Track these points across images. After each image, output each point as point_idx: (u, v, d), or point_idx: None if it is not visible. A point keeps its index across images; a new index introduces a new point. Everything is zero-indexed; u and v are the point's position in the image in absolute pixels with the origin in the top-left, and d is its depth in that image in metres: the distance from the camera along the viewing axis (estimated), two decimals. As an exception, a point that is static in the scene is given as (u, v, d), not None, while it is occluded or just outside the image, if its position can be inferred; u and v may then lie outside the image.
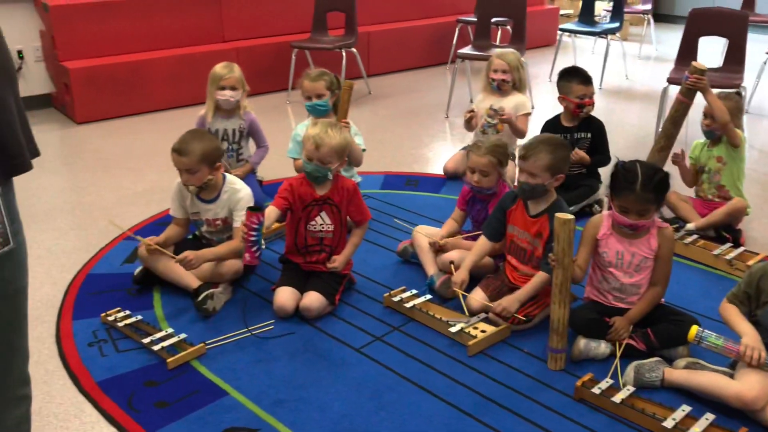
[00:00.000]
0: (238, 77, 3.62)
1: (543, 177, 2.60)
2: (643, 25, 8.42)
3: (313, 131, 2.70)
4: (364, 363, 2.44)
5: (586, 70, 3.69)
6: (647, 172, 2.38)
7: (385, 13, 7.04)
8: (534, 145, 2.64)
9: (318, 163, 2.70)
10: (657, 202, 2.39)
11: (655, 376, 2.27)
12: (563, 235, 2.25)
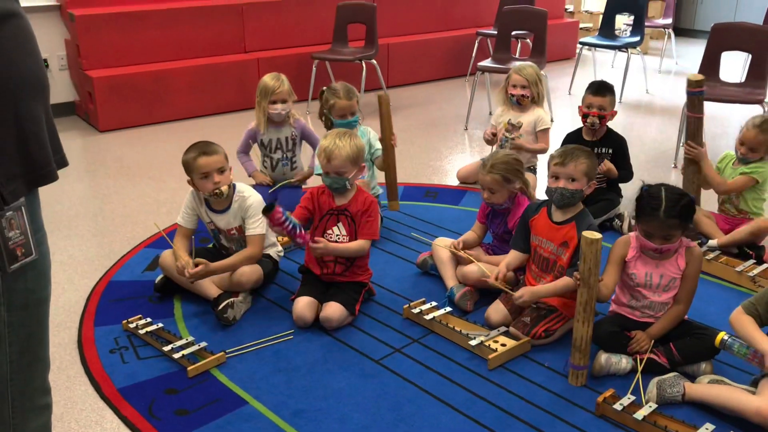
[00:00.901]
0: (288, 90, 3.65)
1: (582, 182, 2.60)
2: (663, 39, 8.39)
3: (324, 143, 2.72)
4: (383, 375, 2.44)
5: (606, 83, 3.68)
6: (672, 197, 2.37)
7: (405, 25, 7.08)
8: (570, 151, 2.65)
9: (334, 175, 2.71)
10: (682, 227, 2.38)
11: (676, 391, 2.25)
12: (590, 254, 2.23)
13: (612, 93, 3.66)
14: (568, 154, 2.63)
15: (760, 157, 3.30)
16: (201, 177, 2.77)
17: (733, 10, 8.88)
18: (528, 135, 4.03)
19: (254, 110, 3.71)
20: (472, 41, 7.03)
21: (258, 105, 3.68)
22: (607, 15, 6.67)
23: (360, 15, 6.06)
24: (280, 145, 3.74)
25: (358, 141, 2.76)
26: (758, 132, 3.23)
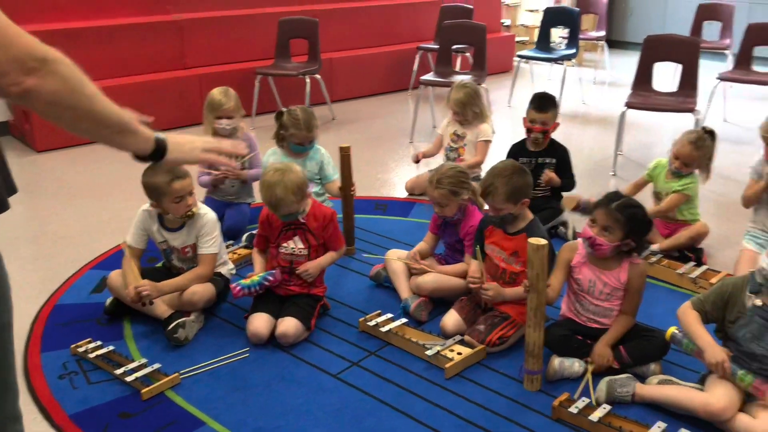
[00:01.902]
0: (234, 106, 3.64)
1: (507, 207, 2.68)
2: (597, 51, 8.67)
3: (265, 196, 2.71)
4: (342, 389, 2.43)
5: (548, 97, 3.77)
6: (630, 201, 2.50)
7: (347, 40, 7.12)
8: (489, 181, 2.71)
9: (284, 214, 2.74)
10: (624, 230, 2.44)
11: (626, 392, 2.32)
12: (537, 260, 2.28)
13: (554, 106, 3.76)
14: (487, 186, 2.70)
15: (691, 172, 3.44)
16: (175, 200, 2.73)
17: (662, 23, 9.24)
18: (471, 146, 4.13)
19: (196, 127, 3.69)
20: (414, 56, 7.12)
21: (205, 119, 3.67)
22: (543, 29, 6.86)
23: (302, 30, 6.07)
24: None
25: (295, 175, 2.70)
26: (693, 148, 3.37)
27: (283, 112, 3.60)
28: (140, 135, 1.40)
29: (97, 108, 1.25)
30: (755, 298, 2.18)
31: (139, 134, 1.40)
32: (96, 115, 1.25)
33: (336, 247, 2.89)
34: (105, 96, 1.28)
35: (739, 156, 5.11)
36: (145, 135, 1.42)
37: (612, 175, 4.75)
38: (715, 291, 2.30)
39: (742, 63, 5.79)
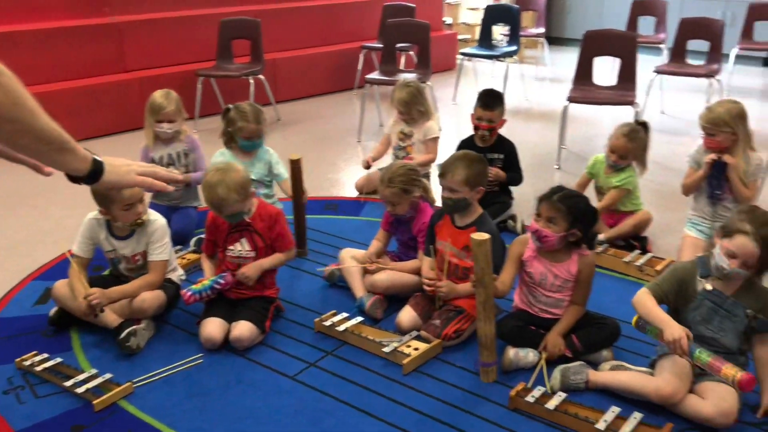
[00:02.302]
0: (175, 110, 3.57)
1: (463, 191, 2.69)
2: (537, 47, 8.82)
3: (207, 197, 2.67)
4: (300, 390, 2.41)
5: (494, 94, 3.81)
6: (572, 192, 2.55)
7: (290, 40, 7.07)
8: (450, 162, 2.75)
9: (228, 215, 2.70)
10: (569, 220, 2.48)
11: (580, 379, 2.37)
12: (481, 255, 2.30)
13: (501, 103, 3.81)
14: (447, 166, 2.73)
15: (628, 164, 3.53)
16: (124, 208, 2.65)
17: (598, 19, 9.46)
18: (420, 144, 4.15)
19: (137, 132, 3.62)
20: (358, 54, 7.12)
21: (146, 123, 3.60)
22: (485, 26, 6.94)
23: (244, 31, 6.00)
24: (171, 160, 3.65)
25: (237, 174, 2.66)
26: (626, 141, 3.46)
27: (229, 108, 3.57)
28: (78, 154, 1.38)
29: (39, 123, 1.22)
30: (705, 282, 2.25)
31: (78, 154, 1.38)
32: (37, 131, 1.22)
33: (284, 247, 2.84)
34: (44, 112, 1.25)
35: (677, 146, 5.27)
36: (83, 155, 1.39)
37: (556, 168, 4.84)
38: (670, 276, 2.35)
39: (676, 56, 5.99)
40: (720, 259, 2.18)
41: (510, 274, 2.59)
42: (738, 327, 2.24)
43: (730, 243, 2.16)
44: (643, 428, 2.13)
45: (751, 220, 2.16)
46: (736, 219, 2.20)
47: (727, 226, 2.22)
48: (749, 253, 2.13)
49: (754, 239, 2.12)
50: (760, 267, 2.18)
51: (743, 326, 2.24)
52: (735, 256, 2.15)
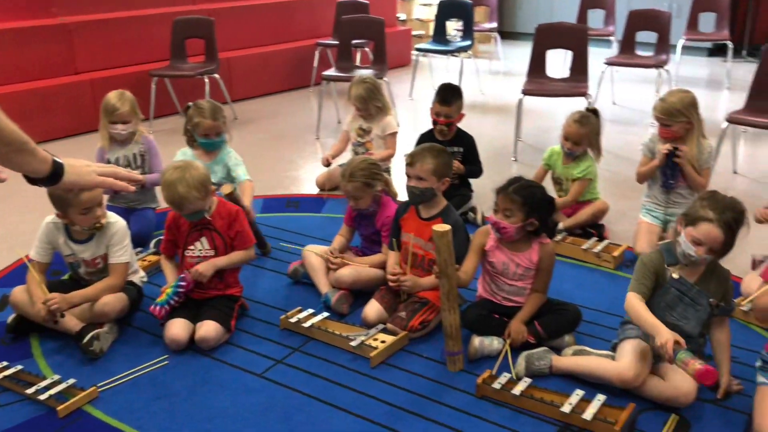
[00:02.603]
0: (129, 111, 3.52)
1: (430, 180, 2.72)
2: (490, 42, 8.92)
3: (166, 195, 2.64)
4: (268, 387, 2.41)
5: (452, 89, 3.85)
6: (528, 183, 2.58)
7: (244, 38, 7.02)
8: (418, 151, 2.78)
9: (188, 213, 2.68)
10: (525, 210, 2.52)
11: (544, 364, 2.42)
12: (443, 246, 2.33)
13: (459, 97, 3.84)
14: (415, 155, 2.76)
15: (584, 151, 3.60)
16: (82, 212, 2.60)
17: (549, 13, 9.60)
18: (378, 139, 4.17)
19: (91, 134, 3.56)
20: (313, 52, 7.11)
21: (101, 125, 3.55)
22: (438, 22, 6.99)
23: (197, 30, 5.94)
24: (128, 162, 3.60)
25: (197, 171, 2.64)
26: (578, 126, 3.54)
27: (189, 105, 3.53)
28: (38, 156, 1.37)
29: None
30: (672, 271, 2.30)
31: (38, 155, 1.37)
32: None
33: (244, 245, 2.80)
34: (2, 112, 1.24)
35: (630, 135, 5.40)
36: (43, 156, 1.38)
37: (514, 160, 4.91)
38: (645, 271, 2.33)
39: (626, 48, 6.13)
40: (687, 246, 2.21)
41: (472, 263, 2.63)
42: (701, 316, 2.30)
43: (695, 231, 2.20)
44: (606, 410, 2.19)
45: (713, 207, 2.20)
46: (698, 206, 2.24)
47: (690, 214, 2.25)
48: (714, 239, 2.18)
49: (718, 225, 2.16)
50: (723, 250, 2.24)
51: (706, 315, 2.30)
52: (701, 243, 2.19)
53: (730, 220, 2.18)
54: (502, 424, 2.21)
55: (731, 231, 2.19)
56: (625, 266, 3.26)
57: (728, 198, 2.25)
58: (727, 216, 2.18)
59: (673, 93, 3.31)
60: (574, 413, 2.18)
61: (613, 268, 3.23)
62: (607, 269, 3.24)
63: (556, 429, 2.18)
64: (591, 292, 3.02)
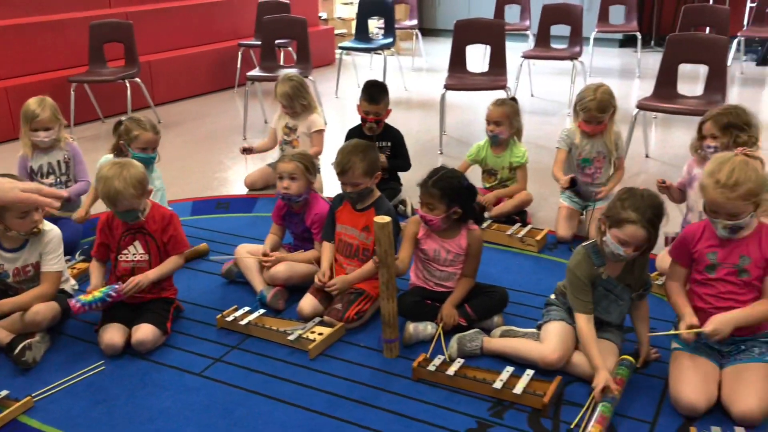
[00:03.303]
0: (50, 117, 3.44)
1: (365, 182, 2.81)
2: (412, 39, 9.06)
3: (102, 189, 2.62)
4: (208, 386, 2.44)
5: (379, 87, 3.91)
6: (445, 173, 2.65)
7: (165, 41, 6.93)
8: (346, 159, 2.82)
9: (123, 211, 2.67)
10: (446, 201, 2.62)
11: (475, 345, 2.53)
12: (383, 237, 2.41)
13: (386, 94, 3.91)
14: (344, 164, 2.80)
15: (509, 136, 3.74)
16: (20, 216, 2.55)
17: (467, 9, 9.83)
18: (305, 137, 4.21)
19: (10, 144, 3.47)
20: (236, 53, 7.07)
21: (22, 133, 3.48)
22: (360, 20, 7.07)
23: (116, 34, 5.83)
24: (52, 169, 3.54)
25: (135, 170, 2.64)
26: (496, 107, 3.72)
27: (122, 121, 3.47)
28: None
29: None
30: (602, 271, 2.38)
31: None
32: None
33: (178, 250, 2.80)
34: None
35: (548, 126, 5.62)
36: None
37: (439, 154, 5.04)
38: (580, 286, 2.38)
39: (541, 41, 6.36)
40: (615, 247, 2.29)
41: (407, 252, 2.72)
42: (623, 310, 2.45)
43: (620, 233, 2.27)
44: (535, 383, 2.31)
45: (634, 207, 2.25)
46: (619, 207, 2.28)
47: (612, 216, 2.31)
48: (639, 238, 2.27)
49: (642, 226, 2.24)
50: (649, 245, 2.33)
51: (627, 308, 2.45)
52: (627, 244, 2.28)
53: (652, 217, 2.26)
54: (438, 404, 2.30)
55: (654, 228, 2.27)
56: (547, 249, 3.42)
57: (646, 194, 2.31)
58: (649, 215, 2.25)
59: (595, 88, 3.42)
60: (505, 389, 2.29)
61: (537, 251, 3.38)
62: (531, 253, 3.39)
63: (489, 405, 2.29)
64: (517, 275, 3.16)
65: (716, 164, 2.22)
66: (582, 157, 3.56)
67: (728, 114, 2.93)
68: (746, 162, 2.19)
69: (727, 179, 2.15)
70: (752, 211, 2.21)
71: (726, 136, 2.92)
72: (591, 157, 3.55)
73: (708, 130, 2.97)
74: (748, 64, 8.14)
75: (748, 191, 2.15)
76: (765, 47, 8.08)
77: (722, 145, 2.94)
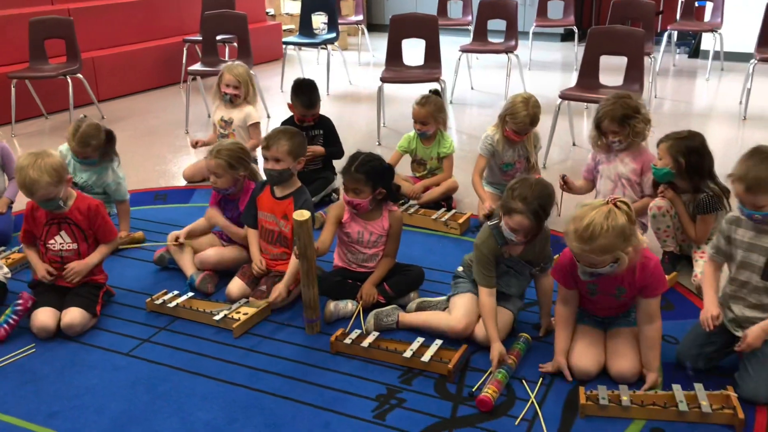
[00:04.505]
0: None
1: (286, 161, 2.92)
2: (359, 35, 9.19)
3: (18, 178, 2.68)
4: (135, 364, 2.55)
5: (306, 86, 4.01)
6: (367, 157, 2.80)
7: (108, 37, 6.95)
8: (274, 134, 2.96)
9: (42, 201, 2.72)
10: (369, 185, 2.76)
11: (391, 320, 2.68)
12: (303, 232, 2.55)
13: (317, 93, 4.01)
14: (271, 138, 2.94)
15: (436, 130, 3.91)
16: None
17: (413, 4, 9.99)
18: (241, 130, 4.30)
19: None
20: (181, 48, 7.12)
21: None
22: (304, 15, 7.18)
23: (56, 30, 5.84)
24: None
25: (51, 158, 2.68)
26: (421, 108, 3.87)
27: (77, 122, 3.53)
28: None
29: None
30: (504, 250, 2.56)
31: None
32: None
33: (107, 238, 2.88)
34: None
35: (486, 117, 5.81)
36: None
37: (378, 145, 5.19)
38: (485, 261, 2.52)
39: (478, 36, 6.54)
40: (508, 233, 2.47)
41: (329, 234, 2.85)
42: (522, 283, 2.64)
43: (510, 221, 2.43)
44: (442, 352, 2.47)
45: (522, 197, 2.39)
46: (509, 196, 2.42)
47: (504, 204, 2.46)
48: (526, 227, 2.43)
49: (527, 216, 2.40)
50: (537, 231, 2.49)
51: (527, 282, 2.64)
52: (516, 231, 2.45)
53: (537, 208, 2.40)
54: (353, 374, 2.45)
55: (539, 218, 2.42)
56: (470, 232, 3.60)
57: (536, 184, 2.44)
58: (534, 205, 2.39)
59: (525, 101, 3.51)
60: (415, 357, 2.45)
61: (459, 234, 3.55)
62: (454, 235, 3.56)
63: (400, 373, 2.45)
64: (439, 256, 3.32)
65: (580, 212, 2.15)
66: (504, 162, 3.74)
67: (620, 107, 3.12)
68: (608, 215, 2.10)
69: (583, 231, 2.10)
70: (611, 262, 2.16)
71: (624, 128, 3.12)
72: (513, 161, 3.74)
73: (607, 127, 3.17)
74: (681, 57, 8.47)
75: (602, 247, 2.10)
76: (696, 40, 8.41)
77: (624, 138, 3.14)
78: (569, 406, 2.25)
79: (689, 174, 2.93)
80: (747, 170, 2.19)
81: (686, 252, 3.14)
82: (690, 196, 3.00)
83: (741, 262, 2.32)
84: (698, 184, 2.95)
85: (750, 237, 2.29)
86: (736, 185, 2.23)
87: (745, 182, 2.18)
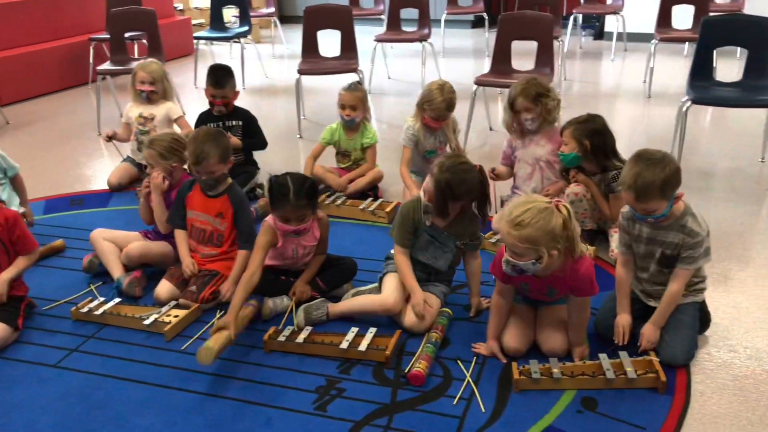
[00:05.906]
0: None
1: (219, 168, 2.90)
2: (271, 27, 9.11)
3: None
4: (64, 375, 2.47)
5: (223, 70, 4.01)
6: (297, 182, 2.68)
7: (8, 38, 6.63)
8: (199, 149, 2.86)
9: None
10: (311, 206, 2.74)
11: (321, 313, 2.70)
12: None
13: (231, 77, 4.02)
14: (199, 155, 2.85)
15: (362, 117, 3.93)
16: None
17: (326, -5, 9.95)
18: (163, 125, 4.21)
19: None
20: (87, 47, 6.88)
21: None
22: (214, 9, 7.07)
23: (-50, 32, 5.54)
24: None
25: None
26: (351, 93, 3.89)
27: None
28: None
29: None
30: (426, 218, 2.65)
31: None
32: None
33: (27, 249, 2.78)
34: None
35: (404, 106, 5.87)
36: None
37: (299, 138, 5.17)
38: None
39: (392, 25, 6.60)
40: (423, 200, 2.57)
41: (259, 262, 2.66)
42: (448, 256, 2.69)
43: (425, 183, 2.58)
44: (378, 339, 2.51)
45: (439, 165, 2.54)
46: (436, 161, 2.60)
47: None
48: (431, 192, 2.53)
49: (433, 181, 2.53)
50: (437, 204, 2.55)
51: (453, 255, 2.70)
52: (425, 192, 2.57)
53: (442, 181, 2.50)
54: (291, 368, 2.46)
55: (441, 191, 2.51)
56: (397, 220, 3.65)
57: (459, 162, 2.55)
58: (443, 176, 2.50)
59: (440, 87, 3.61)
60: (351, 348, 2.48)
61: (387, 222, 3.60)
62: (382, 224, 3.60)
63: (338, 363, 2.47)
64: (369, 246, 3.35)
65: (522, 200, 2.20)
66: (427, 149, 3.81)
67: (532, 85, 3.26)
68: (544, 211, 2.14)
69: (515, 216, 2.14)
70: (533, 260, 2.16)
71: (538, 105, 3.24)
72: (434, 148, 3.81)
73: (521, 105, 3.28)
74: (587, 39, 8.78)
75: (527, 236, 2.12)
76: (600, 22, 8.74)
77: (538, 115, 3.26)
78: (503, 382, 2.34)
79: (595, 155, 3.08)
80: (634, 178, 2.25)
81: (603, 228, 3.28)
82: (600, 176, 3.15)
83: (641, 254, 2.47)
84: (605, 163, 3.11)
85: (647, 233, 2.42)
86: (626, 194, 2.33)
87: (634, 190, 2.27)
